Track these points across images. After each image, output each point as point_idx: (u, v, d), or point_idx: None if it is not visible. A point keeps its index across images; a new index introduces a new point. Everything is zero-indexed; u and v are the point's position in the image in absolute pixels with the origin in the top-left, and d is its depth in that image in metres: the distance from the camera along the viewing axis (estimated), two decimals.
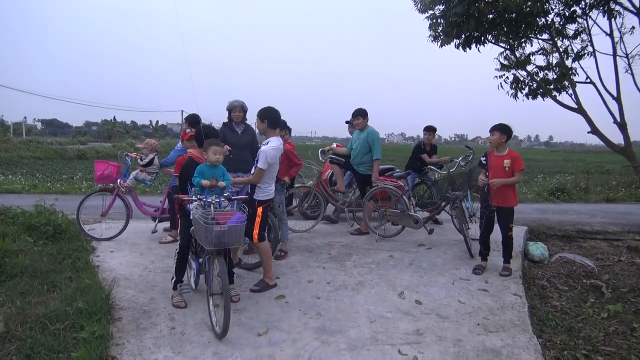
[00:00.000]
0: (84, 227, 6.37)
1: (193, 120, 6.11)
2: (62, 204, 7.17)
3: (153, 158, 6.81)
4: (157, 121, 70.28)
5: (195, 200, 3.84)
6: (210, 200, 3.79)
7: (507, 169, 5.10)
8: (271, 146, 4.50)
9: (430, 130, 8.12)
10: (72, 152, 29.69)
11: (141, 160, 6.73)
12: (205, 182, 3.88)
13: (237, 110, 5.89)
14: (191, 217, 3.82)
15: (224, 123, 6.02)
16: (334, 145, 7.75)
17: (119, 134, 60.90)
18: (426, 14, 7.33)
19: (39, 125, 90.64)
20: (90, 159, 25.85)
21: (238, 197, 4.10)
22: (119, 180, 6.50)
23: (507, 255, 5.35)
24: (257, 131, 5.49)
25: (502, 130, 5.18)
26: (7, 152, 26.48)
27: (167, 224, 6.79)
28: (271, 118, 4.62)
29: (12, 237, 5.26)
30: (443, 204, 6.62)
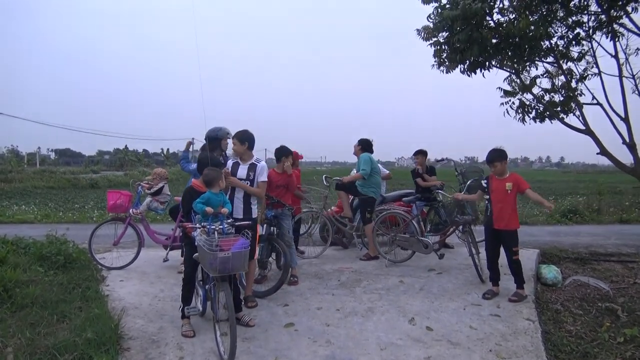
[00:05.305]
0: (95, 256, 6.42)
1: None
2: (74, 233, 7.23)
3: (162, 187, 6.88)
4: (168, 149, 71.19)
5: (199, 228, 3.88)
6: (214, 227, 3.82)
7: (509, 191, 5.09)
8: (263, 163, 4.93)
9: (419, 154, 8.03)
10: (85, 181, 30.09)
11: (149, 189, 6.81)
12: (208, 209, 3.92)
13: (225, 138, 5.76)
14: (196, 244, 3.84)
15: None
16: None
17: (130, 163, 61.63)
18: (430, 41, 7.43)
19: (52, 155, 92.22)
20: (102, 188, 26.14)
21: (242, 222, 4.14)
22: (131, 210, 6.56)
23: (517, 280, 5.24)
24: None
25: (502, 157, 5.19)
26: (21, 182, 26.95)
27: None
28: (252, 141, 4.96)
29: (24, 267, 5.30)
30: (452, 228, 6.58)
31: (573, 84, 7.61)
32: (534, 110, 7.96)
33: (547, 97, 7.97)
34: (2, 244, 5.93)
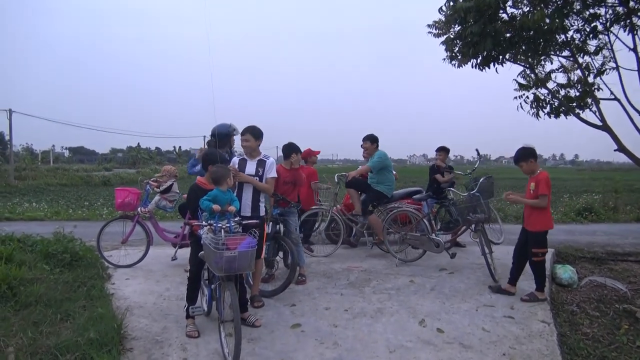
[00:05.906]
0: (103, 253, 6.38)
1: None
2: (82, 231, 7.22)
3: (171, 184, 6.83)
4: (180, 147, 71.78)
5: (206, 226, 3.79)
6: (221, 225, 3.73)
7: (532, 191, 4.95)
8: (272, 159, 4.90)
9: (442, 150, 8.03)
10: (97, 178, 30.36)
11: (158, 188, 6.76)
12: (216, 206, 3.83)
13: (235, 134, 5.73)
14: (202, 242, 3.76)
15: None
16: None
17: (143, 160, 62.14)
18: (442, 38, 7.27)
19: (66, 153, 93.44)
20: (114, 185, 26.28)
21: (249, 221, 4.04)
22: (139, 208, 6.51)
23: (536, 281, 5.09)
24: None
25: (525, 156, 5.02)
26: (35, 180, 27.27)
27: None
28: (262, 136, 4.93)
29: (29, 265, 5.25)
30: (464, 227, 6.43)
31: (590, 79, 7.39)
32: (548, 106, 7.77)
33: (562, 92, 7.77)
34: (9, 242, 5.89)
